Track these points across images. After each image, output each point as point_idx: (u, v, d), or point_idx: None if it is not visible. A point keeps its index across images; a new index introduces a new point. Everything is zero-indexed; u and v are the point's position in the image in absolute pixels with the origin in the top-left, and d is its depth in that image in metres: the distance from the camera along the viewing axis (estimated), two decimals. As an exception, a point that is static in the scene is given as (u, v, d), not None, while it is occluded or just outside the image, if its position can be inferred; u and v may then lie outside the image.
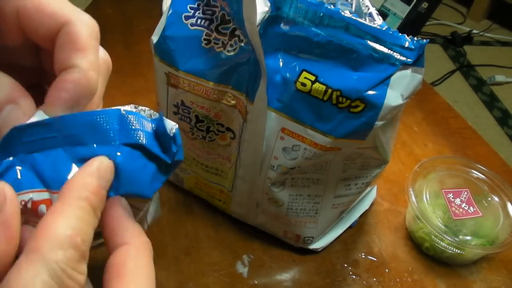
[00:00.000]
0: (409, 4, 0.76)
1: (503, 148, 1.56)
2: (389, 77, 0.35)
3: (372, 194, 0.53)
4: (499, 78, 1.83)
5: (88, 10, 0.81)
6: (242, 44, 0.38)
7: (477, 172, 0.52)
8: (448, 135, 0.65)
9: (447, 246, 0.45)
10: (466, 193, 0.50)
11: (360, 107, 0.36)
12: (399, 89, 0.36)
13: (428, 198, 0.49)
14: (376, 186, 0.54)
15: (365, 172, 0.44)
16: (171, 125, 0.23)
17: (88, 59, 0.22)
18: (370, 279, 0.46)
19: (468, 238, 0.46)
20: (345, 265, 0.47)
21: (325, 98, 0.36)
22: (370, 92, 0.35)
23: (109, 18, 0.81)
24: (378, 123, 0.36)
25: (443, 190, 0.50)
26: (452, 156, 0.61)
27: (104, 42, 0.23)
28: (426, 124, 0.67)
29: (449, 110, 0.71)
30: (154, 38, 0.40)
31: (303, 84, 0.36)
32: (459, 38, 2.00)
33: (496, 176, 0.51)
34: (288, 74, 0.36)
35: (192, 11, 0.39)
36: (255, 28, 0.33)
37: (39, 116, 0.22)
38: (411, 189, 0.48)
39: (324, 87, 0.36)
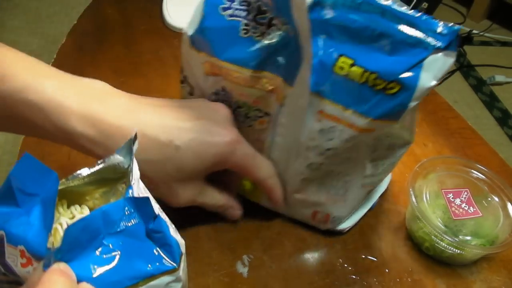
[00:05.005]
0: (409, 4, 0.76)
1: (503, 148, 1.56)
2: (422, 60, 0.37)
3: (388, 176, 0.54)
4: (499, 78, 1.83)
5: (88, 10, 0.81)
6: (281, 32, 0.39)
7: (477, 172, 0.52)
8: (448, 135, 0.65)
9: (447, 246, 0.45)
10: (466, 193, 0.50)
11: (396, 88, 0.37)
12: (431, 71, 0.37)
13: (428, 198, 0.49)
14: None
15: (392, 152, 0.45)
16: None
17: None
18: (370, 279, 0.46)
19: (468, 238, 0.46)
20: (345, 265, 0.47)
21: (362, 81, 0.38)
22: (405, 75, 0.37)
23: (109, 18, 0.81)
24: (412, 103, 0.38)
25: (443, 190, 0.50)
26: (452, 156, 0.61)
27: (104, 42, 0.23)
28: (426, 124, 0.67)
29: (449, 110, 0.70)
30: (190, 30, 0.42)
31: (341, 68, 0.38)
32: (459, 38, 2.00)
33: (496, 176, 0.51)
34: (326, 59, 0.38)
35: (229, 3, 0.41)
36: (305, 10, 0.35)
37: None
38: (411, 189, 0.48)
39: (361, 70, 0.37)
